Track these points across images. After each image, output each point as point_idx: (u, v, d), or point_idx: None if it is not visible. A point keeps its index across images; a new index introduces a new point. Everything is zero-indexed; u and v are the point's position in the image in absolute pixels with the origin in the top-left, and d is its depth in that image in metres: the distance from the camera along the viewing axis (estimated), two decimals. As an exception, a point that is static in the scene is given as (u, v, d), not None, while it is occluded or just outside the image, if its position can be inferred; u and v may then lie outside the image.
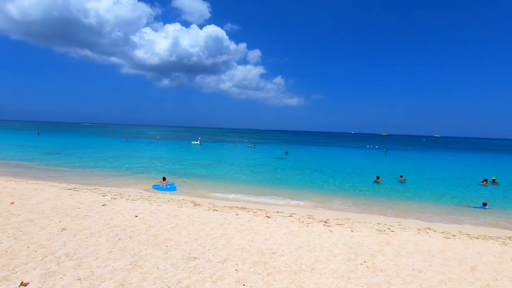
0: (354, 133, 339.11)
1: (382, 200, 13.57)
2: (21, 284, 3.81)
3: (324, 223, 8.30)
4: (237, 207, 10.08)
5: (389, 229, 8.08)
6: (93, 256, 4.83)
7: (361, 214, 10.52)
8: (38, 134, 65.76)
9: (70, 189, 11.36)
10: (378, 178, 18.19)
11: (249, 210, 9.69)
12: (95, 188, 12.29)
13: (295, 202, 12.30)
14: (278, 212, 9.63)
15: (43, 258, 4.61)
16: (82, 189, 11.78)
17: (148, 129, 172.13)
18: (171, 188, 14.22)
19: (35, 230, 5.94)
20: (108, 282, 4.04)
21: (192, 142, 54.73)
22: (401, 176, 19.15)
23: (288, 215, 9.21)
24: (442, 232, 8.12)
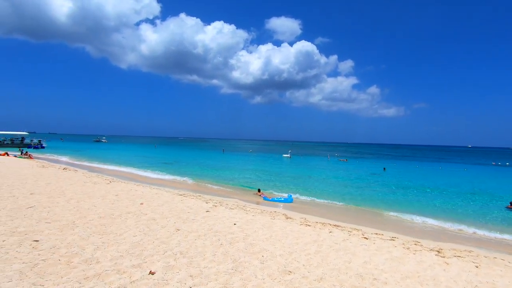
0: (471, 147, 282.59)
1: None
2: (150, 272, 4.60)
3: (437, 252, 7.09)
4: (330, 224, 9.67)
5: (534, 271, 6.27)
6: (201, 257, 5.43)
7: (487, 247, 8.55)
8: (155, 147, 79.34)
9: (181, 195, 13.15)
10: (512, 204, 14.47)
11: (344, 228, 9.16)
12: (199, 196, 13.86)
13: (396, 224, 10.97)
14: (377, 234, 8.77)
15: (164, 253, 5.45)
16: (190, 195, 13.48)
17: (242, 143, 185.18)
18: (288, 200, 14.70)
19: (157, 228, 7.11)
20: (214, 283, 4.45)
21: (283, 155, 55.95)
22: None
23: (389, 238, 8.28)
24: None
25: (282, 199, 14.78)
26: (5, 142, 47.07)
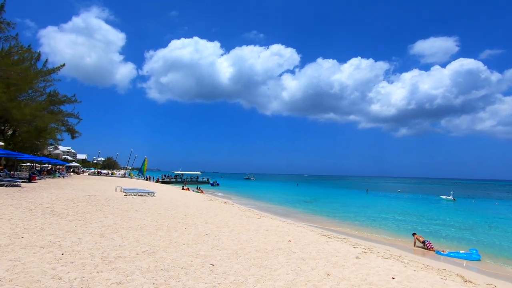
0: None
1: None
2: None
3: None
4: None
5: None
6: (358, 311, 4.91)
7: None
8: (297, 185, 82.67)
9: (325, 235, 12.81)
10: None
11: None
12: (344, 238, 13.07)
13: None
14: None
15: (317, 298, 5.30)
16: (334, 237, 12.92)
17: (386, 181, 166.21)
18: (472, 256, 11.68)
19: (307, 269, 7.09)
20: None
21: (442, 196, 45.82)
22: None
23: None
24: None
25: (463, 254, 11.75)
26: (187, 180, 61.69)
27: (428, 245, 12.98)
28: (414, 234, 13.95)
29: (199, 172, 72.06)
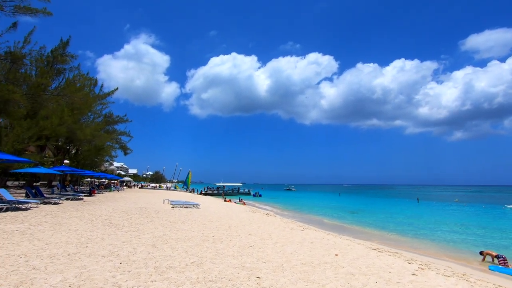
0: None
1: None
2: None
3: None
4: None
5: None
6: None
7: None
8: (339, 195, 79.61)
9: (375, 249, 12.04)
10: None
11: None
12: (396, 252, 12.16)
13: None
14: None
15: (371, 317, 4.97)
16: (385, 251, 12.07)
17: (440, 189, 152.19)
18: None
19: (358, 285, 6.70)
20: None
21: (508, 206, 40.54)
22: None
23: None
24: None
25: None
26: (228, 192, 62.94)
27: (500, 261, 11.48)
28: (481, 252, 12.46)
29: (240, 184, 73.17)
